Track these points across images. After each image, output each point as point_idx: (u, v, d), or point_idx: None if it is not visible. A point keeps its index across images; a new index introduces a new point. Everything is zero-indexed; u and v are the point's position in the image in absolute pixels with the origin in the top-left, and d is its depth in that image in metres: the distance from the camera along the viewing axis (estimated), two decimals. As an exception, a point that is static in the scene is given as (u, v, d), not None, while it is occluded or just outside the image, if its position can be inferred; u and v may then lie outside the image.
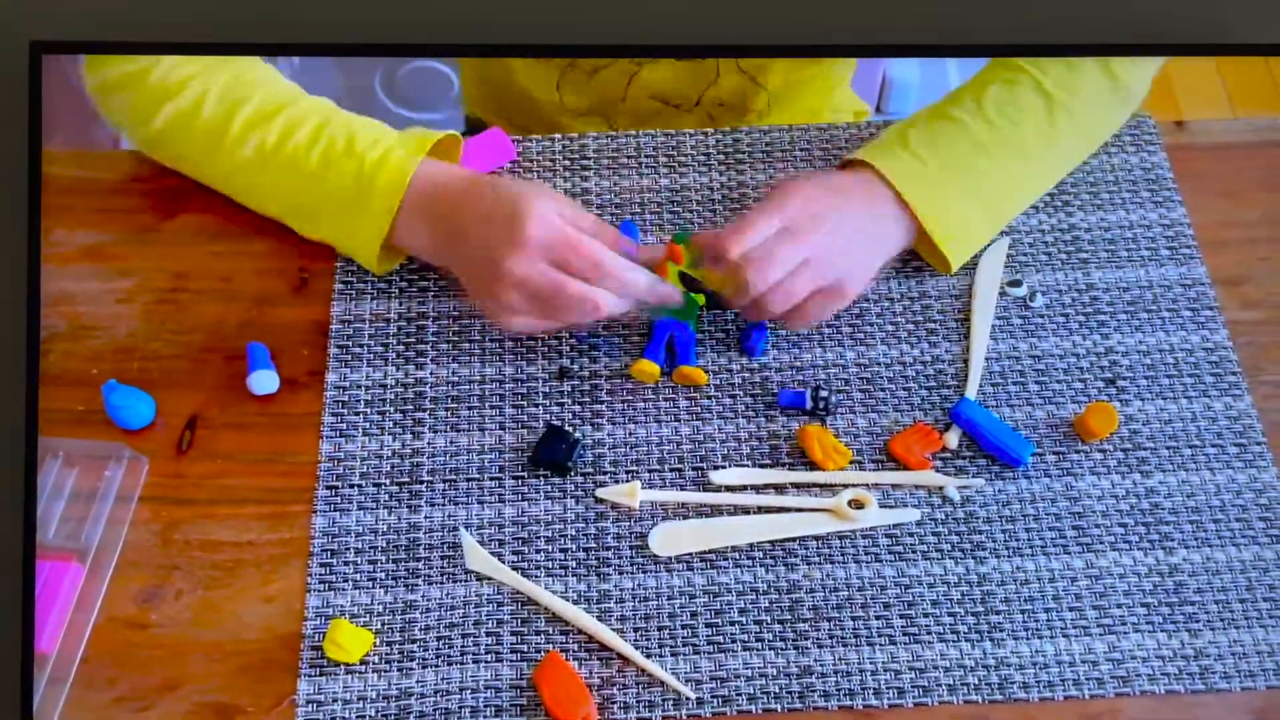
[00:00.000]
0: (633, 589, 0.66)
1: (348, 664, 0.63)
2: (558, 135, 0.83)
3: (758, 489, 0.69)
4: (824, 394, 0.71)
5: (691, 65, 0.90)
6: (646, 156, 0.82)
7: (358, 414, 0.71)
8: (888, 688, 0.63)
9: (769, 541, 0.67)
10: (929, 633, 0.65)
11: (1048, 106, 0.75)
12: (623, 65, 0.90)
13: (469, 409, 0.72)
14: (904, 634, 0.65)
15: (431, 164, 0.72)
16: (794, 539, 0.67)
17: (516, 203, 0.66)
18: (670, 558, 0.67)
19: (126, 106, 0.74)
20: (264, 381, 0.71)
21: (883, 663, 0.64)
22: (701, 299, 0.71)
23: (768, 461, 0.70)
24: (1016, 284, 0.77)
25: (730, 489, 0.69)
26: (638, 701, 0.63)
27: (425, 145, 0.72)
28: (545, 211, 0.65)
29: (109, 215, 0.78)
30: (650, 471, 0.70)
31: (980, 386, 0.73)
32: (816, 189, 0.71)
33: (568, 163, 0.81)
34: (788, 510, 0.68)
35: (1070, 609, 0.65)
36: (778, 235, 0.68)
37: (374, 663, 0.64)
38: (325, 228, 0.74)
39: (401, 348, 0.74)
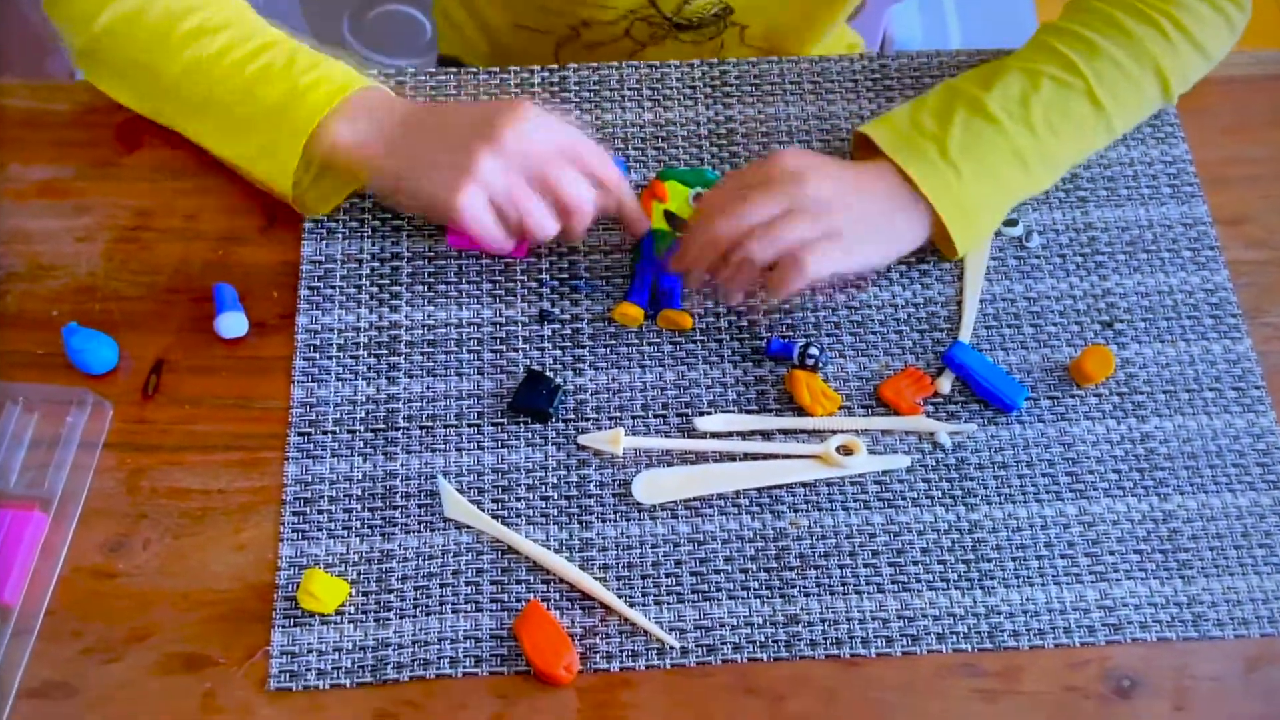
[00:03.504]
0: (616, 537, 0.64)
1: (323, 614, 0.62)
2: (537, 67, 0.79)
3: (744, 435, 0.67)
4: (813, 352, 0.68)
5: (695, 45, 0.87)
6: (630, 89, 0.79)
7: (330, 358, 0.69)
8: (875, 636, 0.62)
9: (755, 489, 0.66)
10: (918, 581, 0.63)
11: (1095, 115, 0.71)
12: (624, 44, 0.87)
13: (446, 353, 0.69)
14: (892, 582, 0.63)
15: (374, 89, 0.68)
16: (781, 486, 0.66)
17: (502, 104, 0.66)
18: (654, 505, 0.65)
19: (72, 8, 0.70)
20: (232, 324, 0.68)
21: (870, 611, 0.63)
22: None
23: (754, 407, 0.68)
24: (1012, 223, 0.74)
25: (716, 435, 0.67)
26: (621, 651, 0.61)
27: (363, 80, 0.68)
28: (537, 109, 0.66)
29: (66, 149, 0.75)
30: (634, 418, 0.68)
31: (974, 329, 0.71)
32: (830, 174, 0.67)
33: (548, 95, 0.78)
34: (775, 457, 0.67)
35: (1062, 556, 0.64)
36: (782, 217, 0.64)
37: (350, 613, 0.62)
38: (249, 141, 0.68)
39: (375, 289, 0.71)
